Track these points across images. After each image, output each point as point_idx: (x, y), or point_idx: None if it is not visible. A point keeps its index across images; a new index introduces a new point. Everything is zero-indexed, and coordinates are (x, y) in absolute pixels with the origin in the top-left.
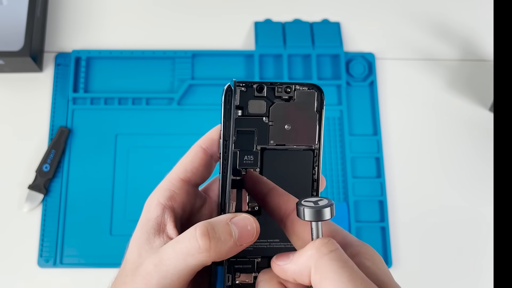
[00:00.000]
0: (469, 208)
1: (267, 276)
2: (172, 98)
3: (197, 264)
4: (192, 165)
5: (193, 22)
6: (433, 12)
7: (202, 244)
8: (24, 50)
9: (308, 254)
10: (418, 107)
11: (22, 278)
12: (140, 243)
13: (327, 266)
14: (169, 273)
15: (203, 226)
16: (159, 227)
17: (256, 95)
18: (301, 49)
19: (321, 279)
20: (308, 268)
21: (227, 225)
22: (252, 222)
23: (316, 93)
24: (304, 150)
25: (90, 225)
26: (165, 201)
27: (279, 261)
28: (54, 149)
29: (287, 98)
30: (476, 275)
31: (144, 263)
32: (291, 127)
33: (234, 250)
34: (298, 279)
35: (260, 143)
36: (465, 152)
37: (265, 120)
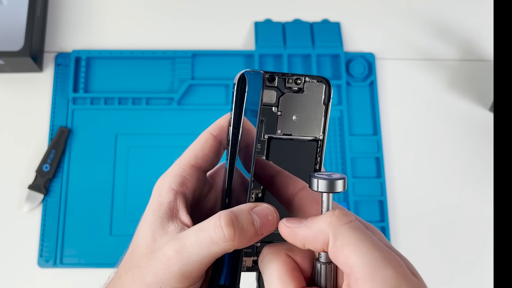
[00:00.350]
0: (469, 208)
1: (274, 249)
2: (172, 98)
3: (220, 252)
4: (203, 152)
5: (193, 22)
6: (433, 12)
7: (227, 233)
8: (24, 50)
9: (327, 221)
10: (418, 107)
11: (22, 278)
12: (154, 228)
13: (349, 234)
14: (191, 259)
15: (227, 216)
16: (172, 212)
17: (267, 84)
18: (301, 49)
19: (342, 246)
20: (325, 235)
21: (249, 215)
22: (273, 212)
23: (324, 86)
24: (308, 140)
25: (90, 225)
26: (177, 187)
27: (290, 223)
28: (54, 149)
29: (296, 89)
30: (476, 275)
31: (163, 248)
32: (298, 118)
33: (255, 239)
34: (309, 244)
35: (268, 132)
36: (465, 152)
37: (274, 110)
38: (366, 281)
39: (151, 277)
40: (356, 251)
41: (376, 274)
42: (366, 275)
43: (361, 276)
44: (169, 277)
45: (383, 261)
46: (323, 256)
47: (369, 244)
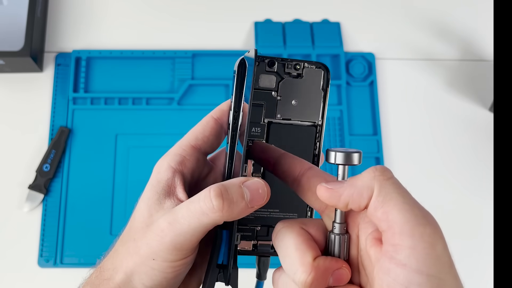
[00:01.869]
0: (469, 208)
1: (288, 223)
2: (172, 98)
3: (210, 222)
4: (203, 134)
5: (193, 22)
6: (433, 12)
7: (216, 204)
8: (25, 50)
9: (371, 176)
10: (418, 107)
11: (22, 278)
12: (151, 203)
13: (391, 189)
14: (183, 230)
15: (217, 188)
16: (169, 189)
17: (267, 69)
18: (301, 49)
19: (384, 200)
20: (370, 190)
21: (240, 188)
22: (264, 185)
23: (323, 72)
24: (308, 126)
25: (90, 225)
26: (175, 165)
27: (331, 185)
28: (54, 149)
29: (295, 75)
30: (476, 275)
31: (158, 221)
32: (298, 103)
33: (245, 211)
34: (353, 202)
35: (268, 117)
36: (465, 152)
37: (274, 95)
38: (404, 236)
39: (145, 248)
40: (397, 207)
41: (416, 230)
42: (405, 231)
43: (399, 230)
44: (162, 249)
45: (423, 219)
46: (337, 228)
47: (410, 201)
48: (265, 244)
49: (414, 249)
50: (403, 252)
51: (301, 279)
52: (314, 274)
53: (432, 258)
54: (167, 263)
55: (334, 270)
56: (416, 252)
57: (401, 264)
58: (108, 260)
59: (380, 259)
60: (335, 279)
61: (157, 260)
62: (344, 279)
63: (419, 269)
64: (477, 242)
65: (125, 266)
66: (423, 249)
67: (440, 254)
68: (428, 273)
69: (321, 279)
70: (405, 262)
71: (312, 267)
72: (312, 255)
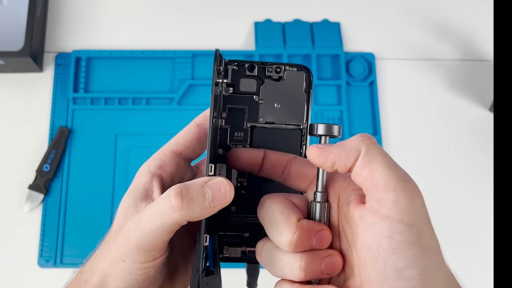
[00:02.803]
0: (469, 208)
1: (273, 195)
2: (172, 98)
3: (172, 222)
4: (185, 139)
5: (193, 22)
6: (433, 12)
7: (175, 203)
8: (24, 50)
9: (359, 139)
10: (418, 107)
11: (23, 278)
12: (127, 207)
13: (377, 151)
14: (146, 231)
15: (177, 187)
16: (147, 192)
17: (247, 74)
18: (301, 49)
19: (371, 160)
20: (357, 151)
21: (202, 187)
22: (226, 184)
23: (305, 74)
24: (292, 129)
25: (90, 225)
26: (154, 170)
27: (321, 145)
28: (54, 149)
29: (277, 78)
30: (477, 275)
31: (127, 224)
32: (281, 106)
33: (207, 211)
34: (340, 161)
35: (250, 121)
36: (465, 152)
37: (255, 99)
38: (388, 190)
39: (116, 250)
40: (382, 165)
41: (398, 185)
42: (389, 185)
43: (384, 186)
44: (129, 249)
45: (405, 176)
46: (318, 196)
47: (393, 162)
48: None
49: (396, 202)
50: (386, 205)
51: (287, 238)
52: (299, 232)
53: (413, 210)
54: (136, 264)
55: (316, 232)
56: (398, 204)
57: (384, 216)
58: (88, 263)
59: (364, 216)
60: (317, 240)
61: (126, 262)
62: (326, 240)
63: (401, 219)
64: (477, 242)
65: (100, 269)
66: (404, 202)
67: (419, 207)
68: (409, 222)
69: (305, 238)
70: (388, 213)
71: (296, 227)
72: (296, 217)
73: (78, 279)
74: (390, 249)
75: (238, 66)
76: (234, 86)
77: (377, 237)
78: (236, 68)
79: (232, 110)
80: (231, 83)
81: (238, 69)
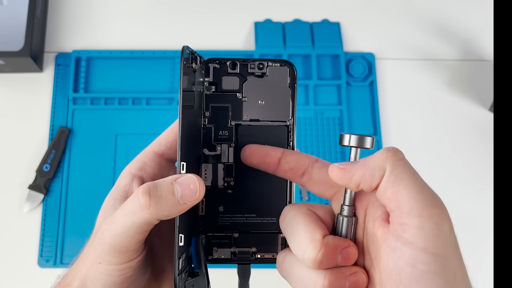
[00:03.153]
0: (469, 208)
1: (296, 206)
2: (172, 98)
3: (142, 221)
4: (167, 140)
5: (193, 22)
6: (433, 12)
7: (142, 201)
8: (24, 50)
9: (383, 157)
10: (418, 107)
11: (23, 278)
12: (106, 209)
13: (403, 170)
14: (118, 231)
15: (146, 185)
16: (126, 194)
17: (229, 71)
18: (301, 49)
19: (395, 180)
20: (382, 170)
21: (171, 185)
22: (196, 181)
23: (288, 69)
24: (278, 125)
25: (90, 225)
26: (135, 171)
27: (343, 165)
28: (54, 149)
29: (260, 74)
30: (476, 275)
31: (102, 225)
32: (265, 102)
33: (177, 209)
34: (365, 182)
35: (235, 119)
36: (465, 152)
37: (238, 96)
38: (412, 215)
39: (92, 252)
40: (407, 187)
41: (424, 210)
42: (413, 210)
43: (408, 210)
44: (104, 251)
45: (432, 200)
46: (345, 210)
47: (420, 182)
48: (245, 251)
49: (421, 229)
50: (410, 231)
51: (311, 256)
52: (324, 250)
53: (439, 238)
54: (112, 266)
55: (342, 249)
56: (423, 232)
57: (407, 242)
58: (71, 267)
59: (387, 239)
60: (343, 258)
61: (102, 264)
62: (352, 257)
63: (426, 248)
64: (477, 242)
65: (80, 273)
66: (430, 230)
67: (447, 235)
68: (434, 252)
69: (330, 256)
70: (412, 240)
71: (322, 244)
72: (321, 233)
73: (61, 283)
74: (413, 277)
75: (220, 64)
76: (216, 84)
77: (399, 263)
78: (217, 66)
79: (215, 109)
80: (213, 82)
81: (219, 67)
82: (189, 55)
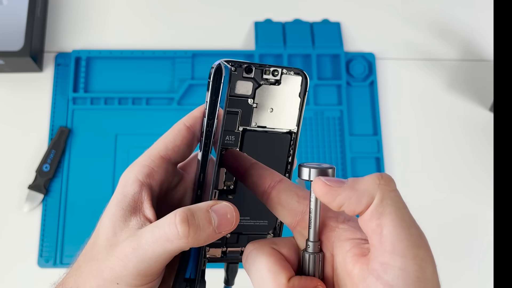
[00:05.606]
0: (469, 208)
1: (258, 244)
2: (172, 98)
3: (175, 249)
4: (174, 143)
5: (193, 22)
6: (433, 12)
7: (181, 230)
8: (24, 50)
9: (375, 184)
10: (418, 107)
11: (22, 278)
12: (115, 220)
13: (393, 202)
14: (147, 257)
15: (183, 213)
16: (136, 204)
17: (244, 76)
18: (301, 49)
19: (383, 212)
20: (370, 197)
21: (207, 213)
22: (232, 210)
23: (301, 79)
24: (282, 133)
25: (90, 225)
26: (143, 178)
27: (331, 182)
28: (54, 149)
29: (273, 81)
30: (476, 275)
31: (122, 245)
32: (274, 110)
33: (212, 238)
34: (349, 205)
35: (243, 124)
36: (465, 152)
37: (250, 102)
38: (395, 255)
39: (109, 272)
40: (393, 223)
41: (408, 251)
42: (397, 250)
43: (391, 249)
44: (125, 274)
45: (418, 239)
46: (311, 246)
47: (408, 218)
48: (235, 251)
49: (404, 271)
50: (392, 273)
51: None
52: None
53: (422, 281)
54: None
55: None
56: (405, 274)
57: (388, 284)
58: (71, 277)
59: (366, 278)
60: None
61: (121, 285)
62: None
63: None
64: (477, 242)
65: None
66: (413, 272)
67: (429, 278)
68: None
69: None
70: (393, 283)
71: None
72: (286, 276)
73: None
74: None
75: (235, 67)
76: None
77: None
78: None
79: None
80: None
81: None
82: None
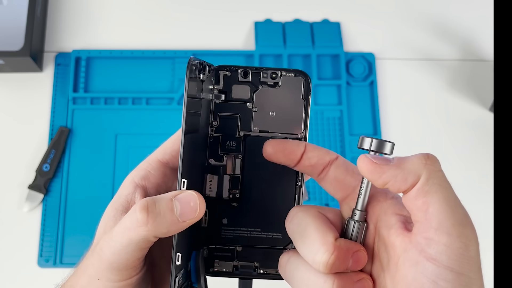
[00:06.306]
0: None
1: (305, 207)
2: (172, 98)
3: (139, 239)
4: (172, 148)
5: (193, 22)
6: (433, 12)
7: (140, 217)
8: (24, 50)
9: (422, 163)
10: (418, 107)
11: (22, 278)
12: (107, 219)
13: (439, 182)
14: (116, 248)
15: (144, 201)
16: (128, 204)
17: (240, 80)
18: (301, 49)
19: (429, 191)
20: (416, 176)
21: (170, 201)
22: (196, 198)
23: (303, 80)
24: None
25: (90, 225)
26: (138, 180)
27: (377, 160)
28: (54, 149)
29: (272, 84)
30: None
31: (101, 240)
32: (276, 114)
33: (176, 226)
34: (394, 183)
35: (244, 129)
36: (465, 152)
37: (249, 106)
38: (441, 232)
39: (91, 268)
40: (440, 201)
41: (454, 229)
42: (443, 227)
43: (437, 226)
44: (103, 268)
45: (464, 218)
46: (357, 214)
47: (454, 198)
48: (247, 266)
49: (448, 247)
50: (436, 247)
51: (323, 259)
52: (337, 253)
53: (465, 258)
54: (111, 283)
55: (353, 252)
56: (449, 250)
57: (431, 258)
58: (69, 278)
59: (408, 250)
60: (354, 262)
61: (101, 280)
62: (362, 262)
63: (450, 267)
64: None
65: (79, 286)
66: (457, 249)
67: (473, 255)
68: (459, 271)
69: (343, 259)
70: (436, 257)
71: (334, 247)
72: (333, 235)
73: None
74: None
75: (231, 72)
76: (226, 92)
77: (420, 278)
78: (228, 73)
79: (223, 118)
80: (222, 90)
81: (230, 75)
82: (196, 67)
